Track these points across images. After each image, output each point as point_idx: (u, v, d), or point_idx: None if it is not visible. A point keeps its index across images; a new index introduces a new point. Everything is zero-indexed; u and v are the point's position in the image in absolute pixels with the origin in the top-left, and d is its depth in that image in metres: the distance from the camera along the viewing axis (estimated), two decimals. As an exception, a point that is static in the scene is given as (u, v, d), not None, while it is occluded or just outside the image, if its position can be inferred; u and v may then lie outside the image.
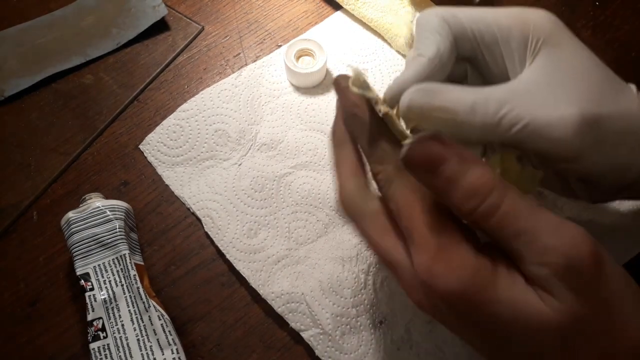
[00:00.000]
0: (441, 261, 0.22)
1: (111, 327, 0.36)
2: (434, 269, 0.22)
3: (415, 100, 0.25)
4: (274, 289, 0.39)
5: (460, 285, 0.21)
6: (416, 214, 0.23)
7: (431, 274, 0.22)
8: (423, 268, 0.22)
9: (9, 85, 0.49)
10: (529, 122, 0.24)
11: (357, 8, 0.51)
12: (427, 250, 0.22)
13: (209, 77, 0.50)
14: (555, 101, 0.25)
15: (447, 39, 0.27)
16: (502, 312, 0.21)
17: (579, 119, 0.24)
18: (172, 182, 0.44)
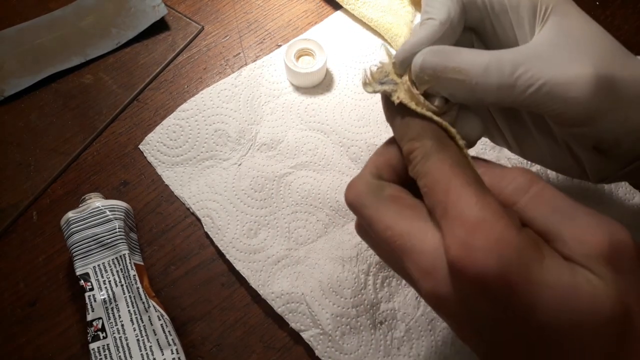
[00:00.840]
0: (481, 234, 0.19)
1: (111, 327, 0.36)
2: (473, 242, 0.19)
3: (428, 62, 0.24)
4: (274, 289, 0.39)
5: (501, 264, 0.19)
6: (454, 187, 0.21)
7: (468, 249, 0.19)
8: (457, 243, 0.20)
9: (9, 85, 0.49)
10: (545, 82, 0.23)
11: (357, 8, 0.51)
12: (465, 222, 0.20)
13: (208, 77, 0.50)
14: (570, 61, 0.24)
15: (458, 4, 0.27)
16: (548, 296, 0.19)
17: (595, 77, 0.23)
18: (172, 182, 0.44)
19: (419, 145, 0.23)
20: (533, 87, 0.24)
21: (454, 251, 0.20)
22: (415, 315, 0.38)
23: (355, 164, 0.45)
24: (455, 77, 0.24)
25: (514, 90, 0.24)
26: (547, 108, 0.24)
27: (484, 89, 0.24)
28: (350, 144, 0.45)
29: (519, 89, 0.24)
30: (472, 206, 0.20)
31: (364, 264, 0.39)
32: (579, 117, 0.24)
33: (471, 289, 0.20)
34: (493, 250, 0.19)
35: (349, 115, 0.47)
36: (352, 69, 0.49)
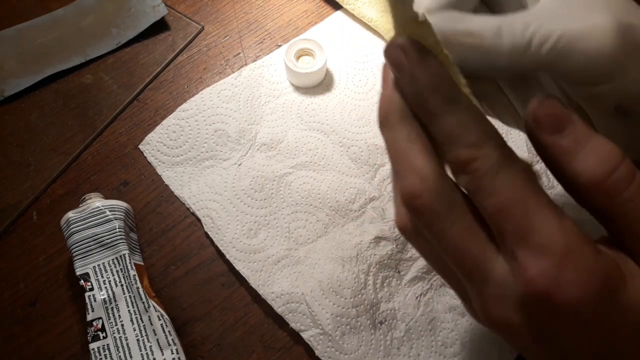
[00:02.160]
0: (570, 266, 0.18)
1: (111, 327, 0.36)
2: (562, 276, 0.18)
3: (438, 26, 0.22)
4: (274, 289, 0.39)
5: (589, 294, 0.18)
6: (533, 211, 0.19)
7: (556, 282, 0.18)
8: (546, 276, 0.18)
9: (9, 85, 0.49)
10: (561, 35, 0.22)
11: (357, 8, 0.51)
12: (552, 253, 0.18)
13: (208, 76, 0.50)
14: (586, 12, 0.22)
15: None
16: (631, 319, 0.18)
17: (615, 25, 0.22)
18: (172, 182, 0.44)
19: (482, 155, 0.20)
20: (549, 43, 0.22)
21: (540, 284, 0.18)
22: (415, 315, 0.38)
23: (355, 164, 0.45)
24: (467, 40, 0.22)
25: (529, 50, 0.22)
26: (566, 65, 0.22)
27: (496, 51, 0.22)
28: (350, 144, 0.45)
29: (534, 48, 0.22)
30: (556, 234, 0.19)
31: (364, 264, 0.39)
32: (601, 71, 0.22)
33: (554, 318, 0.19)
34: (582, 282, 0.18)
35: (349, 115, 0.47)
36: (352, 69, 0.49)
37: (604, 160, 0.19)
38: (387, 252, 0.40)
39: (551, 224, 0.19)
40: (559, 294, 0.18)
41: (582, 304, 0.18)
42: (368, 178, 0.44)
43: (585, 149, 0.19)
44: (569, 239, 0.19)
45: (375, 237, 0.40)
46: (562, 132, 0.20)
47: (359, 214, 0.42)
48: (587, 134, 0.20)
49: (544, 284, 0.18)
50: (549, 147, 0.20)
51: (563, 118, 0.20)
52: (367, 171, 0.44)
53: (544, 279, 0.18)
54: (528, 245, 0.19)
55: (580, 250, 0.19)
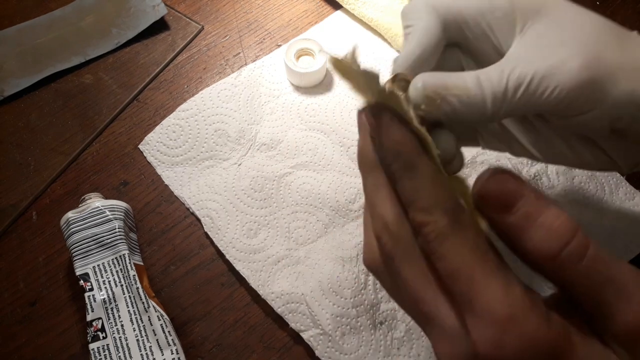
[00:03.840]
0: (513, 334, 0.19)
1: (111, 327, 0.36)
2: (505, 343, 0.19)
3: (429, 82, 0.24)
4: (274, 289, 0.39)
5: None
6: (478, 278, 0.20)
7: (498, 348, 0.19)
8: (489, 342, 0.19)
9: (9, 85, 0.49)
10: (533, 76, 0.23)
11: (357, 8, 0.51)
12: (494, 322, 0.19)
13: (208, 76, 0.50)
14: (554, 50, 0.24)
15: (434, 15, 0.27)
16: None
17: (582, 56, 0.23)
18: (172, 182, 0.44)
19: (432, 221, 0.21)
20: (523, 85, 0.24)
21: (483, 349, 0.19)
22: (415, 316, 0.38)
23: (355, 164, 0.45)
24: (456, 93, 0.24)
25: (507, 94, 0.24)
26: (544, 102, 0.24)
27: (480, 100, 0.24)
28: (350, 144, 0.45)
29: (511, 91, 0.24)
30: (501, 301, 0.19)
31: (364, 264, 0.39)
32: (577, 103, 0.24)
33: None
34: (525, 349, 0.19)
35: (349, 115, 0.47)
36: (352, 68, 0.49)
37: (555, 235, 0.19)
38: (387, 252, 0.40)
39: (496, 292, 0.19)
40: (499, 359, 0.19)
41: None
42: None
43: (535, 225, 0.19)
44: (513, 306, 0.19)
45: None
46: (510, 210, 0.20)
47: (359, 214, 0.42)
48: (538, 208, 0.20)
49: (486, 348, 0.19)
50: (498, 225, 0.21)
51: (512, 194, 0.20)
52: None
53: (486, 345, 0.19)
54: (473, 311, 0.20)
55: (525, 317, 0.19)
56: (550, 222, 0.19)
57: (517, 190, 0.20)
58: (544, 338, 0.19)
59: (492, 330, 0.19)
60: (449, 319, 0.21)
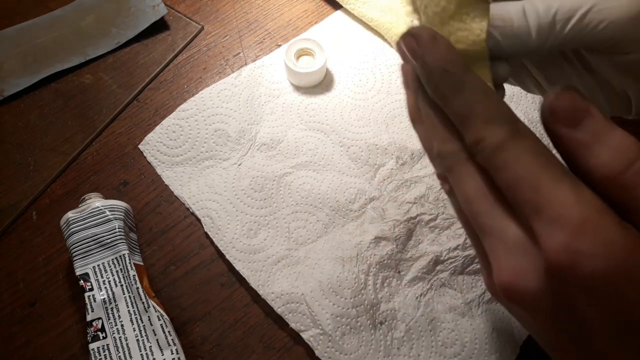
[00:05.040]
0: (587, 237, 0.18)
1: (111, 327, 0.36)
2: (578, 246, 0.18)
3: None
4: (274, 289, 0.39)
5: (609, 265, 0.18)
6: (546, 183, 0.19)
7: (573, 254, 0.18)
8: (560, 246, 0.18)
9: (9, 85, 0.49)
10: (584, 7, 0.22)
11: (357, 7, 0.51)
12: (566, 224, 0.18)
13: (208, 76, 0.50)
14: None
15: None
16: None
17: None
18: (172, 182, 0.44)
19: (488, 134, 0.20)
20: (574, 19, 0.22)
21: (555, 256, 0.18)
22: (416, 316, 0.38)
23: (355, 164, 0.45)
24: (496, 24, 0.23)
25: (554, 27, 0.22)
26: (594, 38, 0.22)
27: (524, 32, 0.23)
28: (350, 144, 0.45)
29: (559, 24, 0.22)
30: (572, 205, 0.18)
31: (364, 264, 0.39)
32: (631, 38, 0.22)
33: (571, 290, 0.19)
34: (600, 253, 0.18)
35: (349, 115, 0.47)
36: (352, 68, 0.49)
37: (621, 154, 0.19)
38: (387, 252, 0.40)
39: (565, 196, 0.18)
40: (574, 265, 0.18)
41: (602, 275, 0.18)
42: (368, 178, 0.44)
43: (602, 143, 0.19)
44: (585, 210, 0.18)
45: (375, 237, 0.40)
46: (578, 125, 0.20)
47: (359, 214, 0.42)
48: (605, 127, 0.19)
49: (560, 254, 0.18)
50: (565, 140, 0.20)
51: (581, 111, 0.20)
52: (367, 171, 0.44)
53: (560, 250, 0.18)
54: (542, 219, 0.19)
55: (599, 220, 0.18)
56: (617, 141, 0.19)
57: (587, 109, 0.20)
58: (620, 242, 0.18)
59: (565, 235, 0.18)
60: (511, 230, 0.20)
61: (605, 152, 0.19)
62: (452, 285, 0.40)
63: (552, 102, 0.20)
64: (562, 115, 0.20)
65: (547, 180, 0.19)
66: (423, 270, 0.40)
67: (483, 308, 0.39)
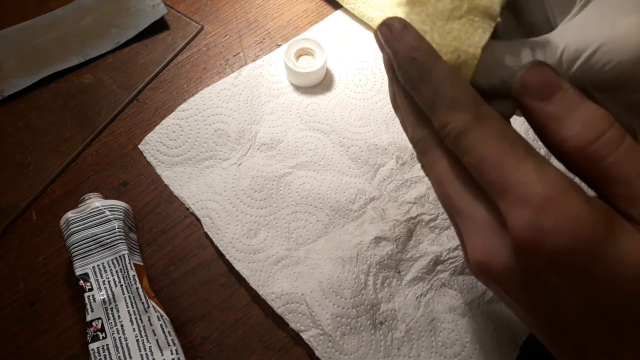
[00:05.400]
0: (550, 214, 0.18)
1: (110, 327, 0.36)
2: (542, 224, 0.18)
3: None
4: (274, 290, 0.39)
5: (574, 242, 0.18)
6: (509, 163, 0.19)
7: (537, 231, 0.18)
8: (524, 225, 0.18)
9: (8, 85, 0.49)
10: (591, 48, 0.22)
11: (357, 7, 0.51)
12: (530, 203, 0.18)
13: (208, 76, 0.50)
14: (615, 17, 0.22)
15: None
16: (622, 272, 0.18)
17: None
18: (172, 182, 0.44)
19: (452, 119, 0.21)
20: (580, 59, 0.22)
21: (521, 233, 0.19)
22: (416, 316, 0.38)
23: (355, 164, 0.44)
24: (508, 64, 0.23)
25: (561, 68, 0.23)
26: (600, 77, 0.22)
27: None
28: (350, 144, 0.45)
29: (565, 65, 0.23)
30: (535, 183, 0.19)
31: (364, 264, 0.39)
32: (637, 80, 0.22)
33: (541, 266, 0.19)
34: (564, 229, 0.18)
35: (349, 115, 0.47)
36: (352, 68, 0.49)
37: (591, 126, 0.19)
38: (387, 252, 0.40)
39: (528, 175, 0.19)
40: (538, 242, 0.18)
41: (567, 252, 0.18)
42: (368, 178, 0.44)
43: (573, 115, 0.20)
44: (549, 188, 0.18)
45: (375, 237, 0.40)
46: (550, 99, 0.20)
47: (359, 214, 0.42)
48: (576, 101, 0.20)
49: (524, 232, 0.18)
50: (536, 113, 0.21)
51: (552, 85, 0.20)
52: (367, 171, 0.44)
53: (524, 228, 0.19)
54: (507, 199, 0.19)
55: (563, 197, 0.18)
56: (588, 114, 0.19)
57: (558, 83, 0.20)
58: (584, 218, 0.18)
59: (529, 213, 0.18)
60: (480, 211, 0.21)
61: (575, 124, 0.19)
62: (452, 286, 0.40)
63: (523, 76, 0.21)
64: (533, 89, 0.20)
65: (510, 161, 0.19)
66: (423, 270, 0.40)
67: (483, 308, 0.39)
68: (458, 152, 0.21)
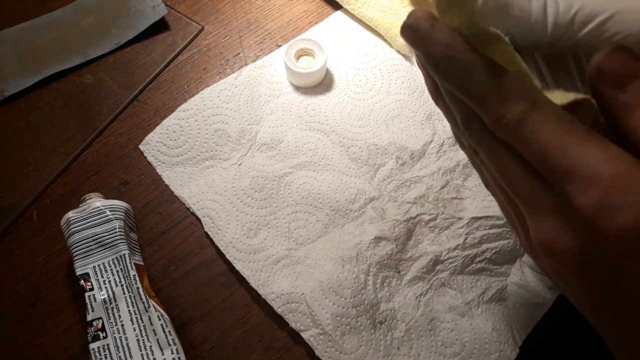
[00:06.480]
0: (618, 192, 0.18)
1: (111, 327, 0.36)
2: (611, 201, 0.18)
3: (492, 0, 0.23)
4: (274, 289, 0.39)
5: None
6: (573, 146, 0.19)
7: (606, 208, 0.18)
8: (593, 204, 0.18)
9: (9, 85, 0.49)
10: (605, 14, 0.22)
11: (357, 8, 0.51)
12: (598, 183, 0.18)
13: (208, 77, 0.50)
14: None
15: None
16: None
17: None
18: (172, 182, 0.44)
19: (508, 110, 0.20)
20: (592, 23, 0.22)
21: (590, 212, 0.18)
22: (415, 315, 0.38)
23: (355, 164, 0.45)
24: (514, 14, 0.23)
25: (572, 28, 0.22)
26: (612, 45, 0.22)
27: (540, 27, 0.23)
28: (350, 144, 0.45)
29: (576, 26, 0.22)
30: (601, 162, 0.18)
31: (364, 264, 0.39)
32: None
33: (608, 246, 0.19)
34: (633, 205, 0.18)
35: (349, 115, 0.47)
36: (352, 69, 0.49)
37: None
38: (387, 252, 0.40)
39: (594, 155, 0.19)
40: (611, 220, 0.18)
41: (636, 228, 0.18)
42: (368, 178, 0.44)
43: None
44: (615, 166, 0.18)
45: (375, 237, 0.40)
46: (624, 87, 0.19)
47: (359, 214, 0.42)
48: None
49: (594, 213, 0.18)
50: (608, 101, 0.20)
51: (630, 72, 0.20)
52: (367, 171, 0.44)
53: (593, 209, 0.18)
54: (574, 180, 0.19)
55: (631, 174, 0.18)
56: None
57: (636, 70, 0.19)
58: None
59: (597, 191, 0.18)
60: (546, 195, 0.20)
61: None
62: (451, 285, 0.40)
63: (600, 62, 0.20)
64: (608, 76, 0.20)
65: (573, 142, 0.19)
66: (423, 270, 0.40)
67: (483, 308, 0.39)
68: (517, 143, 0.21)
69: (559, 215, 0.20)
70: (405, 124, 0.46)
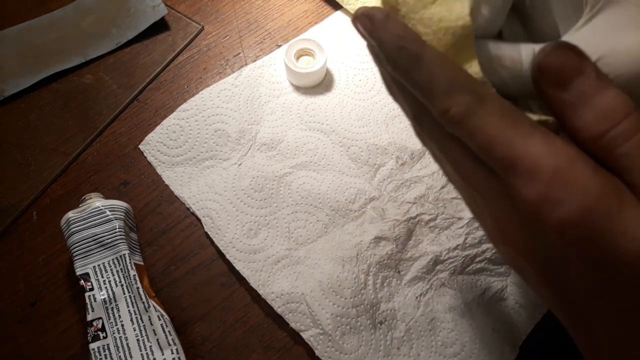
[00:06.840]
0: (560, 185, 0.18)
1: (111, 327, 0.36)
2: (552, 195, 0.18)
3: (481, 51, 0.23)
4: (274, 289, 0.39)
5: (581, 211, 0.18)
6: (517, 138, 0.19)
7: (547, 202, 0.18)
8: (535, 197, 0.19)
9: (9, 85, 0.49)
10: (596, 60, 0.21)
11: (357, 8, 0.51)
12: (540, 175, 0.18)
13: (208, 77, 0.50)
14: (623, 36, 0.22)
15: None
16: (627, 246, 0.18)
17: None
18: (172, 182, 0.44)
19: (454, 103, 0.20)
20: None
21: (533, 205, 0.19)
22: (415, 315, 0.38)
23: (355, 164, 0.45)
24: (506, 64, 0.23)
25: None
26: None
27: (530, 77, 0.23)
28: (350, 144, 0.45)
29: None
30: (544, 155, 0.19)
31: (364, 264, 0.39)
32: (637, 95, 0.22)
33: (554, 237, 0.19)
34: (573, 199, 0.18)
35: (349, 115, 0.47)
36: (352, 69, 0.49)
37: (605, 116, 0.19)
38: (387, 252, 0.40)
39: (537, 148, 0.19)
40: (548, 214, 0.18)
41: (577, 221, 0.18)
42: (368, 178, 0.44)
43: (588, 104, 0.19)
44: (557, 159, 0.18)
45: (375, 237, 0.40)
46: (567, 87, 0.19)
47: (359, 214, 0.42)
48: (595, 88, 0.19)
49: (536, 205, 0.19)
50: (552, 101, 0.20)
51: (571, 70, 0.19)
52: (367, 171, 0.44)
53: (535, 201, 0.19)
54: (517, 173, 0.19)
55: (572, 167, 0.18)
56: (605, 102, 0.19)
57: (578, 67, 0.19)
58: (591, 189, 0.18)
59: (540, 184, 0.18)
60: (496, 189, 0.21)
61: (590, 113, 0.19)
62: (451, 285, 0.40)
63: (541, 59, 0.20)
64: (550, 75, 0.20)
65: (517, 135, 0.19)
66: (423, 270, 0.40)
67: (483, 308, 0.39)
68: (463, 135, 0.21)
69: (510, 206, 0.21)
70: (405, 124, 0.46)
